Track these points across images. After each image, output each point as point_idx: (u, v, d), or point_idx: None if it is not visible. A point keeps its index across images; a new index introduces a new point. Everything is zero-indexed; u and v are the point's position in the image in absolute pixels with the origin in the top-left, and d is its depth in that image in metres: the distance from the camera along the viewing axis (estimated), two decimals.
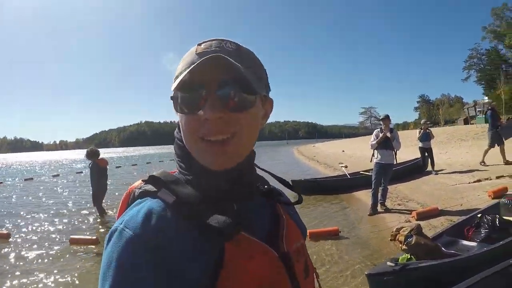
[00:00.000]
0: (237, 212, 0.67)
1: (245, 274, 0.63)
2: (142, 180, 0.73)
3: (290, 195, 0.93)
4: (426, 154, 11.50)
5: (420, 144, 11.55)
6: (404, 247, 3.82)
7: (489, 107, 11.71)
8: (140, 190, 0.70)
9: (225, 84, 0.63)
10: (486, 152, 11.04)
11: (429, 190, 8.89)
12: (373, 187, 7.42)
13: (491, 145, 10.96)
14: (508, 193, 6.40)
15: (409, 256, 3.67)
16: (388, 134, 7.23)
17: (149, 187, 0.70)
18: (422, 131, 11.50)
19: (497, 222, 4.37)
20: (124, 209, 0.71)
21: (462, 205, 6.77)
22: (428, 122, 12.53)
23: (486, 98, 39.97)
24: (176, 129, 0.76)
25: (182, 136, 0.70)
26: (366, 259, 5.01)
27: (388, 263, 3.31)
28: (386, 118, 7.42)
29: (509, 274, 3.01)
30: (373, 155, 7.55)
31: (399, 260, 3.56)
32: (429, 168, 11.43)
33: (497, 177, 8.73)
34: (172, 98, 0.67)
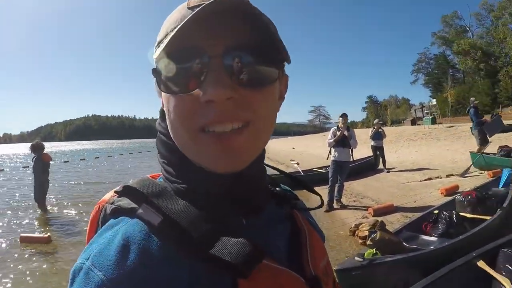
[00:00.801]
0: (249, 230, 0.52)
1: None
2: (114, 192, 0.55)
3: None
4: (378, 152, 12.11)
5: (372, 143, 12.16)
6: (369, 242, 3.93)
7: (472, 105, 11.37)
8: (113, 207, 0.53)
9: (237, 47, 0.46)
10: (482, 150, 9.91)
11: (382, 187, 9.35)
12: (329, 184, 7.62)
13: (483, 143, 10.18)
14: (460, 190, 6.87)
15: (374, 251, 3.78)
16: (346, 133, 7.44)
17: (125, 201, 0.52)
18: (374, 130, 12.07)
19: (454, 218, 4.66)
20: (94, 233, 0.54)
21: (416, 202, 7.18)
22: (381, 122, 13.16)
23: (434, 100, 42.83)
24: (159, 118, 0.58)
25: (169, 127, 0.52)
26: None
27: (356, 258, 3.39)
28: (344, 116, 7.63)
29: (473, 265, 3.21)
30: (330, 152, 7.73)
31: (365, 255, 3.64)
32: (381, 166, 12.04)
33: (447, 176, 9.43)
34: (153, 72, 0.49)
